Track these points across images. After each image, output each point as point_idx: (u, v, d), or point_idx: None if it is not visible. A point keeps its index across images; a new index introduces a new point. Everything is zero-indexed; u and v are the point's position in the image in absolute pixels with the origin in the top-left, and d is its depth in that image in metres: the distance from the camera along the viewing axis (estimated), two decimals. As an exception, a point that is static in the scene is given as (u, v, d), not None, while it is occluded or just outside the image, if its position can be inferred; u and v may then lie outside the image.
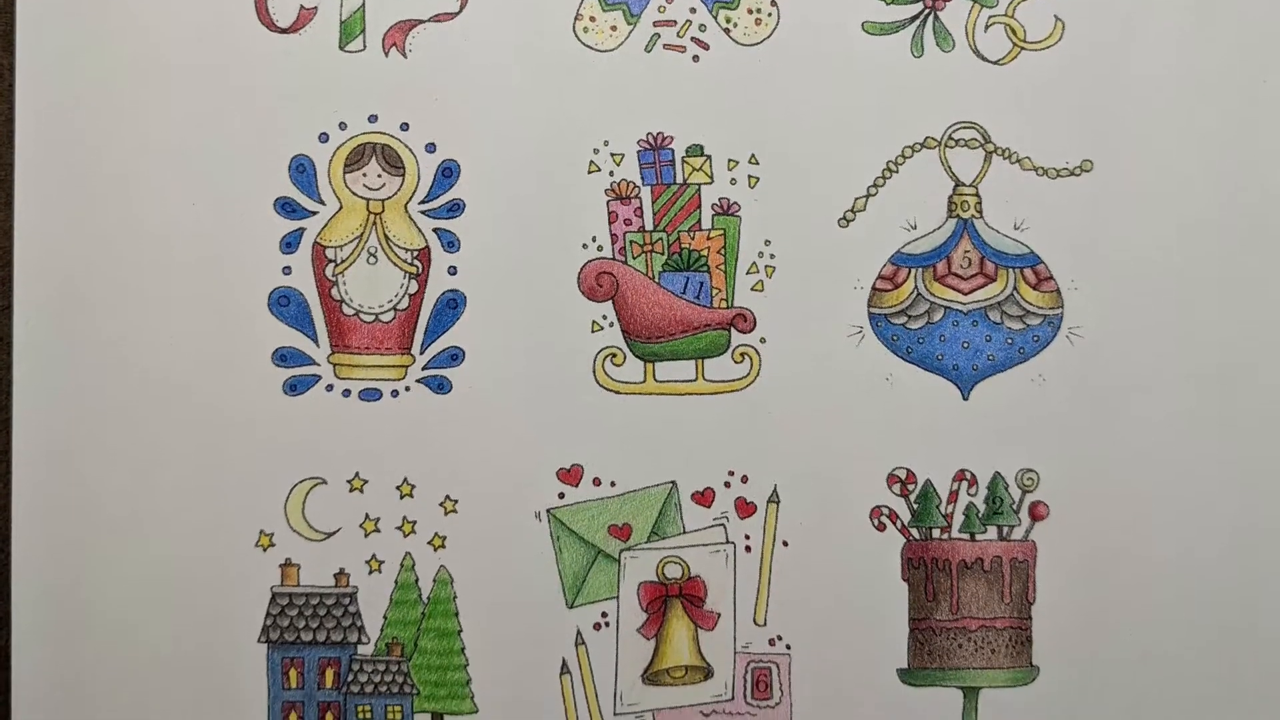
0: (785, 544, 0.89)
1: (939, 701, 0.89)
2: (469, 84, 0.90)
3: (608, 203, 0.90)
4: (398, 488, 0.90)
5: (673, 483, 0.90)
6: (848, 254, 0.90)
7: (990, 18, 0.90)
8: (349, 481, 0.90)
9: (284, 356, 0.90)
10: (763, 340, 0.90)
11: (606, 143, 0.90)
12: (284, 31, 0.90)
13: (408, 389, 0.90)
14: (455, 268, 0.90)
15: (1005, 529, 0.90)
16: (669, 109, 0.90)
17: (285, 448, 0.90)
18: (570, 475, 0.90)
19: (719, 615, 0.90)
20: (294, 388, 0.90)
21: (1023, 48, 0.90)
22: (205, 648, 0.89)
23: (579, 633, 0.90)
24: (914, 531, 0.90)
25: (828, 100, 0.89)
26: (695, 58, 0.90)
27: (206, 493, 0.90)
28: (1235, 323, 0.89)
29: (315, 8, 0.90)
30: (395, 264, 0.90)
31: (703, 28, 0.90)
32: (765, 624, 0.90)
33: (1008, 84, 0.90)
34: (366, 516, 0.90)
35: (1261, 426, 0.89)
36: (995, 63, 0.90)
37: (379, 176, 0.90)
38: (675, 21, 0.90)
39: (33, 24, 0.89)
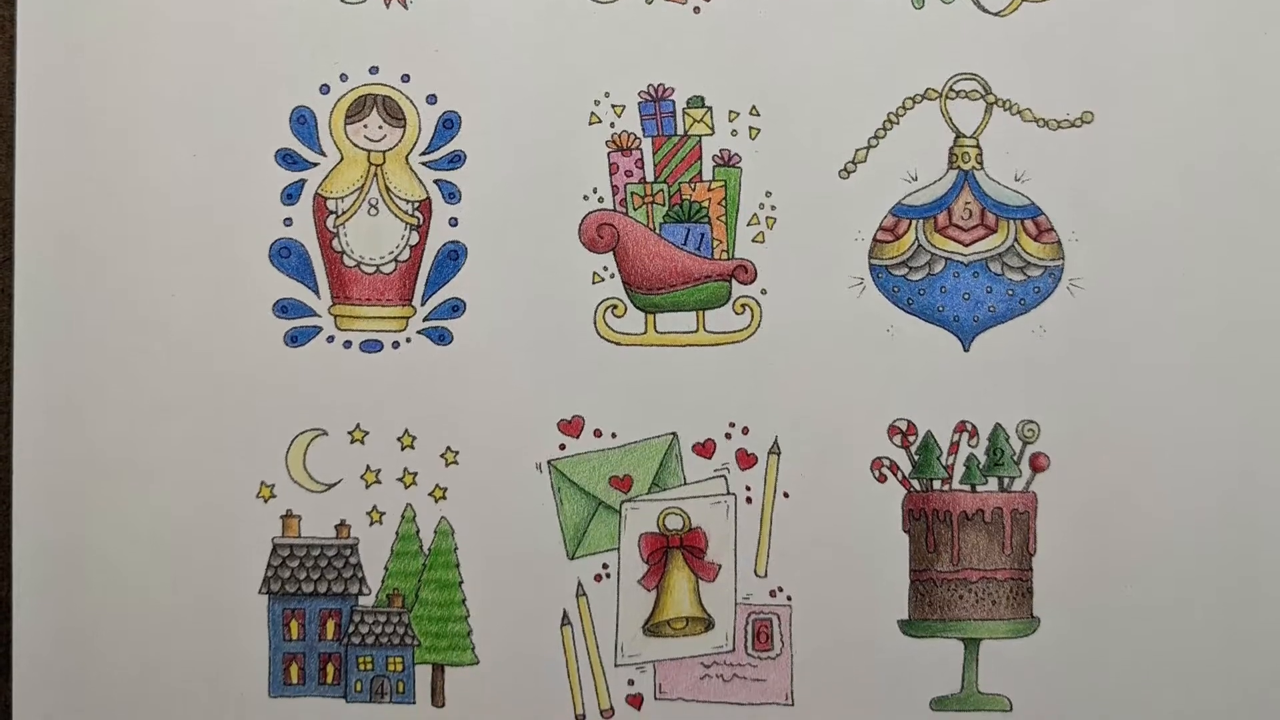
0: (786, 495, 0.89)
1: (940, 652, 0.89)
2: (470, 35, 0.90)
3: (609, 154, 0.90)
4: (399, 439, 0.90)
5: (674, 434, 0.90)
6: (848, 205, 0.90)
7: (991, -31, 0.90)
8: (350, 433, 0.90)
9: (285, 308, 0.90)
10: (764, 292, 0.90)
11: (607, 94, 0.90)
12: (285, -17, 0.90)
13: (409, 340, 0.90)
14: (456, 219, 0.90)
15: (1006, 480, 0.90)
16: (670, 60, 0.90)
17: (286, 399, 0.90)
18: (571, 426, 0.90)
19: (720, 566, 0.90)
20: (295, 339, 0.90)
21: (1023, -1, 0.90)
22: (206, 599, 0.90)
23: (580, 584, 0.90)
24: (915, 483, 0.90)
25: (829, 52, 0.89)
26: (696, 9, 0.90)
27: (207, 444, 0.90)
28: (1235, 273, 0.89)
29: (316, -41, 0.91)
30: (396, 215, 0.90)
31: (704, -21, 0.90)
32: (766, 575, 0.90)
33: (1009, 35, 0.90)
34: (367, 468, 0.90)
35: (1261, 377, 0.89)
36: (996, 14, 0.90)
37: (380, 128, 0.90)
38: (676, -27, 0.90)
39: (34, -23, 0.90)
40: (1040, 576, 0.89)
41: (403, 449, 0.90)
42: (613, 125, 0.90)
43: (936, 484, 0.90)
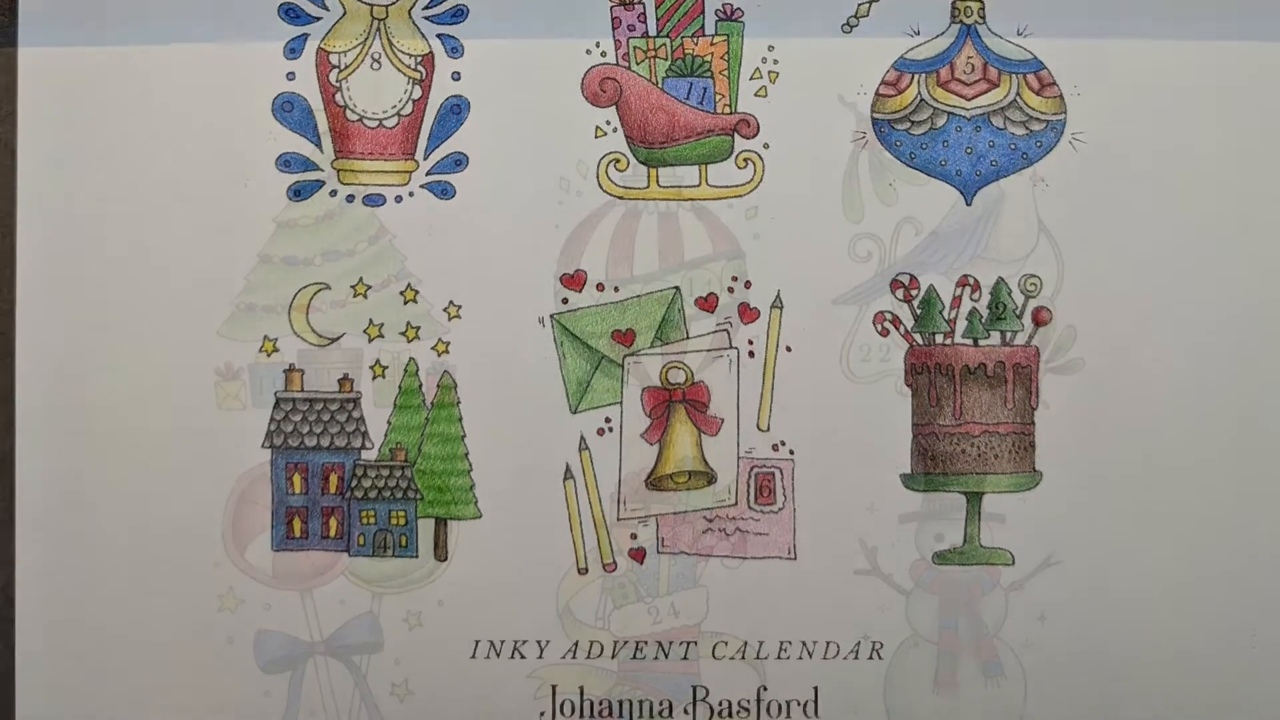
0: (789, 349, 0.89)
1: (942, 506, 0.89)
2: (473, -110, 0.90)
3: (611, 8, 0.90)
4: (401, 293, 0.90)
5: (676, 288, 0.90)
6: (851, 59, 0.90)
7: None
8: (353, 287, 0.90)
9: (288, 162, 0.90)
10: (766, 146, 0.90)
11: (610, -52, 0.90)
12: None
13: (411, 194, 0.90)
14: (459, 73, 0.90)
15: (1008, 334, 0.90)
16: (673, -86, 0.90)
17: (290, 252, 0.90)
18: (574, 280, 0.90)
19: (722, 420, 0.90)
20: (298, 193, 0.90)
21: None
22: (208, 455, 0.89)
23: (582, 438, 0.90)
24: (917, 337, 0.90)
25: (831, -94, 0.90)
26: None
27: (209, 299, 0.89)
28: (1237, 127, 0.89)
29: None
30: (399, 69, 0.90)
31: None
32: (768, 429, 0.90)
33: (1011, -111, 0.90)
34: (370, 322, 0.90)
35: (1265, 230, 0.89)
36: None
37: (383, -18, 0.90)
38: None
39: None
40: (1042, 430, 0.89)
41: (405, 303, 0.90)
42: (615, -21, 0.90)
43: (939, 338, 0.90)
